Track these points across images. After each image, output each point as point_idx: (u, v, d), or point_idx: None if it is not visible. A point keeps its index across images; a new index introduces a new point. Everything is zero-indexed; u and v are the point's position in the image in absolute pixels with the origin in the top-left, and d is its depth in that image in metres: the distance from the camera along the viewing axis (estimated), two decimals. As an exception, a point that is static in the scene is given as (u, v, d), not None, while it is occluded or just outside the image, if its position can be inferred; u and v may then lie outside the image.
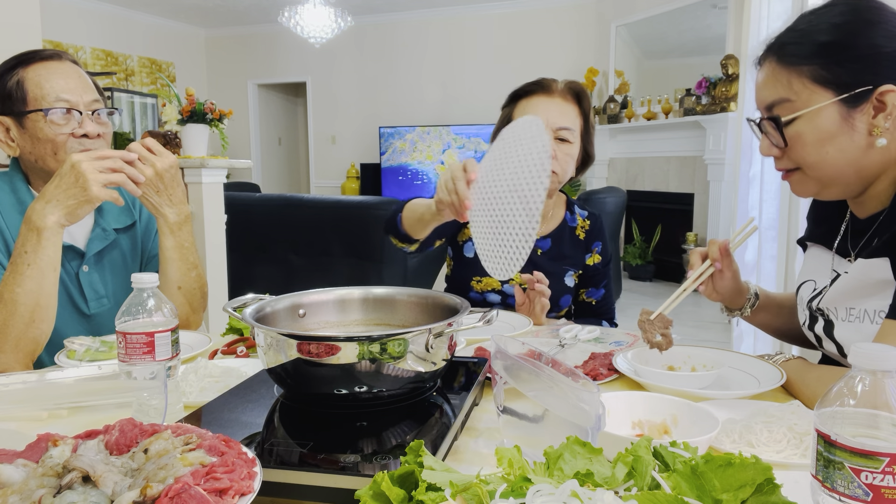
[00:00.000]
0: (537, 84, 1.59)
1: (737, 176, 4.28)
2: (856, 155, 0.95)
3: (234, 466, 0.59)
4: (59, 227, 1.17)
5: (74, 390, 0.93)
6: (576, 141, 1.55)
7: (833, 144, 0.94)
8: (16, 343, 1.16)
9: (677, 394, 0.92)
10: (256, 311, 0.90)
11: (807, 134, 0.95)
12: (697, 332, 4.38)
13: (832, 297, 1.03)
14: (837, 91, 0.92)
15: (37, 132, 1.30)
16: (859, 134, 0.93)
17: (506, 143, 1.04)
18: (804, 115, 0.94)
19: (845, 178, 0.98)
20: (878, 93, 0.91)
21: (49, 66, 1.32)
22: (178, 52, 8.69)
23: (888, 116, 0.92)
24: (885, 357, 0.56)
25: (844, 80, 0.92)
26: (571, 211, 1.71)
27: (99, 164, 1.17)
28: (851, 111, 0.93)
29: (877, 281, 0.95)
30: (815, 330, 1.07)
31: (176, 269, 1.36)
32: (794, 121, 0.95)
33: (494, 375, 0.79)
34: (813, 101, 0.94)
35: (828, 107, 0.93)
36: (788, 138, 0.97)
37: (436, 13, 8.08)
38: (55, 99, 1.29)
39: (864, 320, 0.97)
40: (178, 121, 3.12)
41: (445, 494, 0.53)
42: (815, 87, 0.93)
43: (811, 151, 0.96)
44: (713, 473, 0.55)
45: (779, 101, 0.97)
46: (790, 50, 0.96)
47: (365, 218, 3.49)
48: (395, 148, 8.15)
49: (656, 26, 6.30)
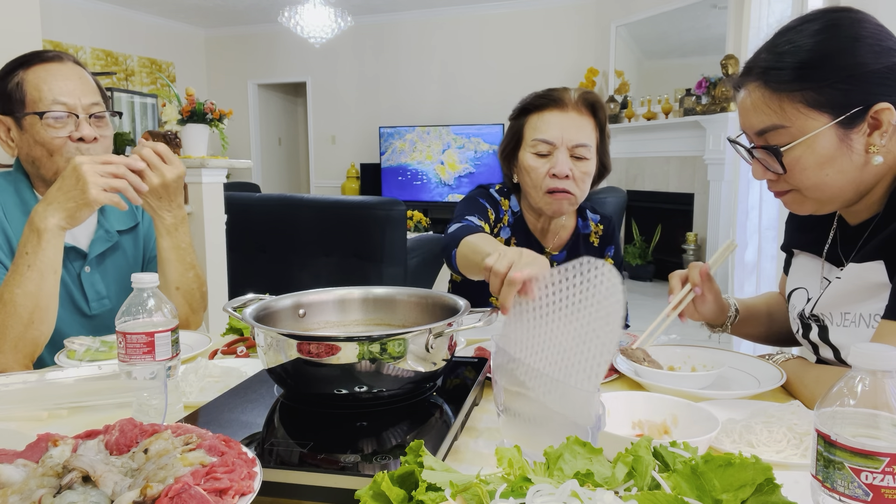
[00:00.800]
0: (548, 97, 1.48)
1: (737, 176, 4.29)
2: (855, 174, 0.94)
3: (234, 466, 0.59)
4: (59, 230, 1.17)
5: (74, 390, 0.93)
6: (592, 157, 1.47)
7: (833, 167, 0.93)
8: (14, 344, 1.16)
9: (677, 394, 0.92)
10: (256, 311, 0.90)
11: (805, 159, 0.94)
12: (697, 332, 4.37)
13: (826, 303, 1.02)
14: (833, 114, 0.91)
15: (34, 134, 1.30)
16: (857, 153, 0.92)
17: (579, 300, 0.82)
18: (803, 140, 0.93)
19: (845, 195, 0.97)
20: (872, 111, 0.90)
21: (50, 67, 1.32)
22: (178, 52, 8.68)
23: (884, 133, 0.91)
24: (885, 357, 0.56)
25: (839, 101, 0.90)
26: (584, 217, 1.64)
27: (101, 168, 1.17)
28: (848, 132, 0.92)
29: (871, 284, 0.95)
30: (809, 338, 1.07)
31: (173, 270, 1.36)
32: (792, 147, 0.94)
33: (494, 375, 0.79)
34: (809, 126, 0.92)
35: (825, 131, 0.91)
36: (787, 165, 0.95)
37: (436, 13, 8.08)
38: (52, 102, 1.29)
39: (860, 324, 0.97)
40: (178, 121, 3.11)
41: (445, 494, 0.53)
42: (810, 111, 0.92)
43: (810, 175, 0.95)
44: (713, 473, 0.55)
45: (771, 127, 0.95)
46: (776, 76, 0.93)
47: (365, 218, 3.49)
48: (395, 148, 8.15)
49: (656, 26, 6.30)
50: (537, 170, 1.46)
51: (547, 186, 1.46)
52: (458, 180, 7.89)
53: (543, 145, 1.45)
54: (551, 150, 1.45)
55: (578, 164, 1.45)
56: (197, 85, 8.85)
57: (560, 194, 1.46)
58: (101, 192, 1.16)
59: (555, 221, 1.58)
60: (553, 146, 1.45)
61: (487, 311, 0.92)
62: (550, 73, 7.19)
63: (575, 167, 1.45)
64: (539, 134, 1.46)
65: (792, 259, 1.18)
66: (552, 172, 1.44)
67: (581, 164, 1.46)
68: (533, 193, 1.50)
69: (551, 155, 1.45)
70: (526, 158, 1.48)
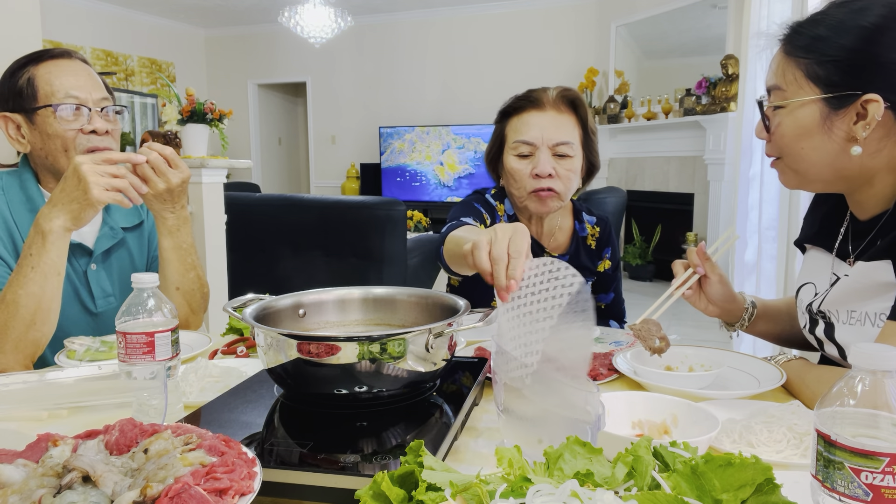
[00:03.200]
0: (526, 98, 1.48)
1: (737, 176, 4.29)
2: (831, 157, 0.95)
3: (234, 466, 0.59)
4: (64, 232, 1.17)
5: (74, 390, 0.93)
6: (576, 153, 1.47)
7: (808, 141, 0.95)
8: (15, 344, 1.16)
9: (677, 394, 0.92)
10: (256, 311, 0.90)
11: (785, 125, 0.97)
12: (697, 332, 4.38)
13: (833, 300, 1.02)
14: (823, 89, 0.93)
15: (46, 128, 1.31)
16: (836, 136, 0.93)
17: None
18: (788, 105, 0.96)
19: (823, 175, 0.99)
20: (862, 100, 0.90)
21: (59, 63, 1.34)
22: (178, 52, 8.68)
23: (867, 126, 0.91)
24: (885, 357, 0.56)
25: (833, 80, 0.91)
26: (580, 219, 1.63)
27: (101, 168, 1.17)
28: (832, 113, 0.93)
29: (878, 283, 0.95)
30: (815, 333, 1.06)
31: (174, 270, 1.36)
32: (779, 109, 0.97)
33: (494, 375, 0.79)
34: (798, 94, 0.95)
35: (809, 103, 0.94)
36: (771, 126, 0.99)
37: (436, 13, 8.08)
38: (65, 95, 1.31)
39: (866, 323, 0.97)
40: (178, 121, 3.11)
41: (445, 494, 0.53)
42: (805, 81, 0.94)
43: (787, 143, 0.98)
44: (713, 473, 0.55)
45: (773, 87, 0.99)
46: (793, 39, 0.96)
47: (365, 218, 3.49)
48: (395, 148, 8.15)
49: (656, 26, 6.30)
50: (520, 171, 1.46)
51: (531, 188, 1.46)
52: (458, 182, 7.88)
53: (524, 146, 1.46)
54: (532, 150, 1.45)
55: (562, 162, 1.45)
56: (197, 85, 8.85)
57: (545, 193, 1.45)
58: (102, 191, 1.16)
59: (548, 222, 1.58)
60: (534, 146, 1.45)
61: (487, 310, 0.92)
62: (550, 73, 7.18)
63: (558, 165, 1.45)
64: (519, 135, 1.46)
65: (804, 254, 1.18)
66: (535, 173, 1.44)
67: (564, 161, 1.45)
68: (518, 195, 1.50)
69: (533, 155, 1.45)
70: (509, 161, 1.48)
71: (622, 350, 1.17)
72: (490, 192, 1.61)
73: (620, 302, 1.69)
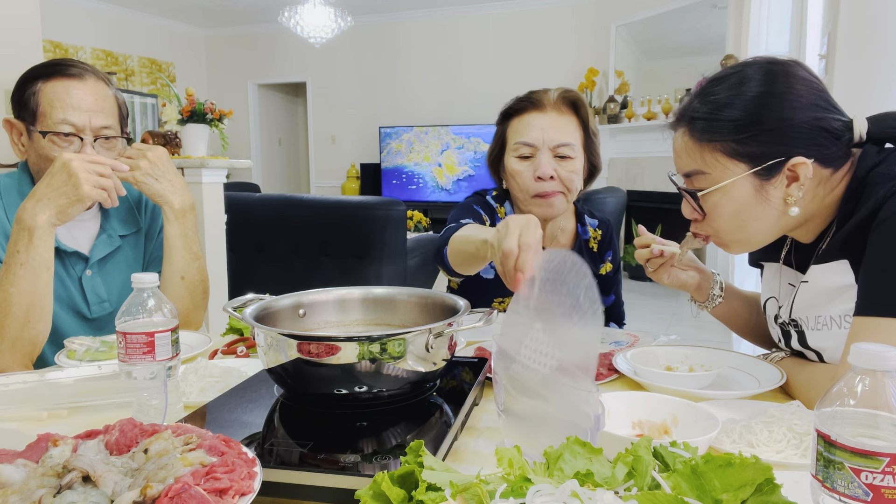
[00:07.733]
0: (527, 100, 1.47)
1: (737, 176, 4.28)
2: (772, 221, 0.98)
3: (234, 466, 0.59)
4: (49, 227, 1.18)
5: (74, 390, 0.93)
6: (578, 155, 1.46)
7: (748, 214, 0.97)
8: (12, 344, 1.16)
9: (677, 394, 0.92)
10: (256, 311, 0.90)
11: (722, 205, 0.98)
12: (697, 332, 4.38)
13: (800, 307, 1.03)
14: (750, 164, 0.94)
15: (38, 148, 1.31)
16: (774, 204, 0.96)
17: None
18: (719, 187, 0.96)
19: (766, 239, 1.02)
20: (789, 164, 0.92)
21: (67, 84, 1.30)
22: (178, 52, 8.68)
23: (801, 186, 0.93)
24: (885, 357, 0.56)
25: (757, 153, 0.93)
26: (582, 222, 1.62)
27: (91, 165, 1.19)
28: (765, 182, 0.95)
29: (836, 286, 0.96)
30: (791, 346, 1.07)
31: (180, 258, 1.37)
32: (709, 193, 0.98)
33: (495, 375, 0.79)
34: (726, 174, 0.96)
35: (741, 180, 0.95)
36: (706, 209, 1.00)
37: (436, 13, 8.08)
38: (60, 121, 1.28)
39: (832, 326, 0.98)
40: (178, 121, 3.11)
41: (445, 494, 0.53)
42: (728, 160, 0.95)
43: (727, 221, 0.99)
44: (713, 473, 0.56)
45: (694, 171, 0.99)
46: (701, 126, 0.97)
47: (365, 218, 3.49)
48: (395, 148, 8.14)
49: (656, 26, 6.30)
50: (522, 173, 1.46)
51: (533, 191, 1.45)
52: (457, 184, 7.84)
53: (525, 148, 1.45)
54: (533, 152, 1.44)
55: (563, 164, 1.44)
56: (197, 85, 8.86)
57: (548, 196, 1.45)
58: (93, 188, 1.18)
59: (551, 225, 1.57)
60: (535, 148, 1.44)
61: (487, 311, 0.92)
62: (550, 73, 7.19)
63: (560, 167, 1.44)
64: (520, 137, 1.45)
65: (763, 271, 1.19)
66: (536, 175, 1.43)
67: (566, 163, 1.44)
68: (521, 198, 1.49)
69: (534, 157, 1.44)
70: (510, 163, 1.48)
71: (622, 350, 1.17)
72: (491, 193, 1.60)
73: (620, 304, 1.69)
